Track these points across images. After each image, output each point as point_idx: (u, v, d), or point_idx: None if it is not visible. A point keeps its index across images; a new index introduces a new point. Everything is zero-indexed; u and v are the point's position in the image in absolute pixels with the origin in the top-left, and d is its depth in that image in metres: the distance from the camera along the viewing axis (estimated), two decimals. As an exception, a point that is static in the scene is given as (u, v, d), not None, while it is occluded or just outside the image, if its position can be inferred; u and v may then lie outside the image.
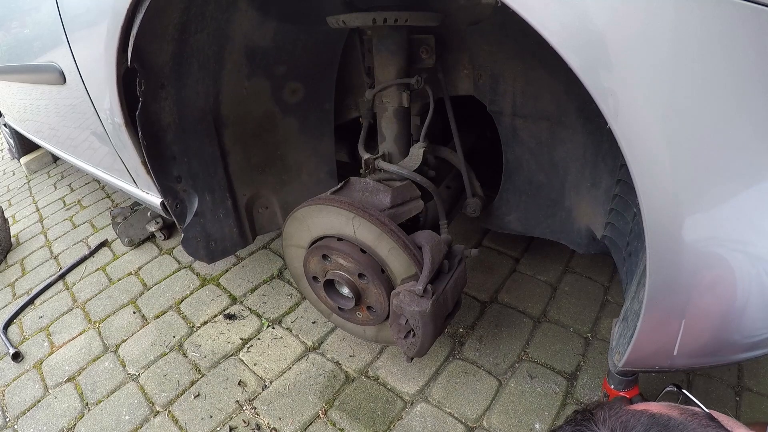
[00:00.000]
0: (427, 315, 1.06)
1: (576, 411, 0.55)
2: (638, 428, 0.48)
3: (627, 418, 0.49)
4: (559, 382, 1.35)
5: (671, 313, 0.70)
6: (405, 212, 1.24)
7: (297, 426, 1.32)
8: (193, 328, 1.72)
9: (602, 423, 0.50)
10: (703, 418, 0.50)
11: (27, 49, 1.65)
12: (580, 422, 0.51)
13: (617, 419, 0.49)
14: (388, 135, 1.31)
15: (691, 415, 0.50)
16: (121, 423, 1.40)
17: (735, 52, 0.52)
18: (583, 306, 1.59)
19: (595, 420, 0.50)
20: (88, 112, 1.44)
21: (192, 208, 1.34)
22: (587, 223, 1.30)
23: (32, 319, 1.93)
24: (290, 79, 1.39)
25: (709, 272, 0.64)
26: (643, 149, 0.59)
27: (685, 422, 0.48)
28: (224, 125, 1.32)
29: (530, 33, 0.60)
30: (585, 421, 0.51)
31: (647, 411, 0.51)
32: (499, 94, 1.27)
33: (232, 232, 1.48)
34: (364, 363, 1.49)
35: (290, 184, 1.56)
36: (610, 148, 1.12)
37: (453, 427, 1.27)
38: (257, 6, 1.16)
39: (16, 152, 3.74)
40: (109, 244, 2.36)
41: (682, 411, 0.51)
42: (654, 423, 0.48)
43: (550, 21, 0.58)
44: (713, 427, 0.49)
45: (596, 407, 0.53)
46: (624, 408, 0.52)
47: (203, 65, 1.17)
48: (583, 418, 0.52)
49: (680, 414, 0.50)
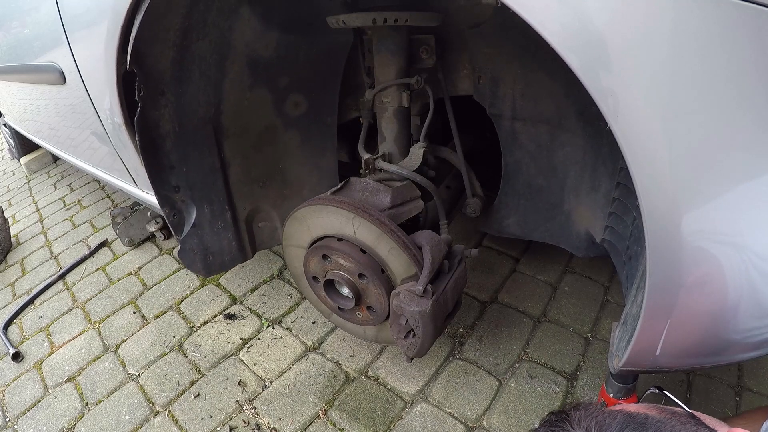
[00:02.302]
0: (427, 315, 1.06)
1: (551, 412, 0.55)
2: (614, 427, 0.47)
3: (602, 417, 0.49)
4: (559, 382, 1.35)
5: (671, 314, 0.70)
6: (405, 212, 1.24)
7: (297, 426, 1.32)
8: (193, 328, 1.72)
9: (577, 424, 0.49)
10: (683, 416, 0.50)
11: (27, 49, 1.65)
12: (555, 423, 0.51)
13: (593, 419, 0.49)
14: (388, 135, 1.31)
15: (671, 413, 0.50)
16: (121, 423, 1.40)
17: (735, 52, 0.52)
18: (583, 306, 1.59)
19: (571, 421, 0.50)
20: (88, 112, 1.44)
21: (190, 219, 1.32)
22: (586, 226, 1.30)
23: (32, 319, 1.93)
24: (293, 92, 1.37)
25: (710, 273, 0.64)
26: (643, 149, 0.59)
27: (664, 420, 0.48)
28: (225, 136, 1.30)
29: (530, 35, 0.60)
30: (560, 422, 0.50)
31: (624, 410, 0.50)
32: (499, 97, 1.27)
33: (231, 246, 1.45)
34: (364, 363, 1.49)
35: (291, 199, 1.53)
36: (609, 152, 1.11)
37: (453, 427, 1.27)
38: (259, 14, 1.15)
39: (16, 152, 3.74)
40: (109, 244, 2.36)
41: (662, 410, 0.51)
42: (630, 421, 0.47)
43: (550, 21, 0.58)
44: (692, 424, 0.48)
45: (572, 408, 0.52)
46: (600, 408, 0.51)
47: (204, 73, 1.16)
48: (558, 419, 0.51)
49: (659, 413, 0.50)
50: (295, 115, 1.42)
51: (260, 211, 1.51)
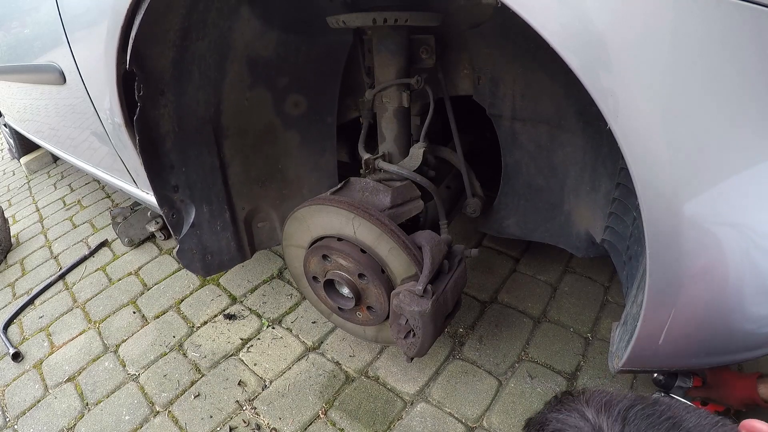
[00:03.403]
0: (427, 315, 1.06)
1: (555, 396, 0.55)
2: (624, 403, 0.48)
3: (610, 396, 0.50)
4: (559, 382, 1.35)
5: (671, 313, 0.70)
6: (405, 212, 1.24)
7: (297, 426, 1.32)
8: (193, 328, 1.72)
9: (585, 403, 0.49)
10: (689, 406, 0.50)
11: (27, 49, 1.65)
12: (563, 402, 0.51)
13: (601, 398, 0.49)
14: (388, 135, 1.31)
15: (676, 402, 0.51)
16: (121, 423, 1.40)
17: (735, 52, 0.52)
18: (583, 306, 1.59)
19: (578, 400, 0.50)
20: (88, 112, 1.44)
21: (189, 218, 1.32)
22: (586, 226, 1.30)
23: (32, 319, 1.93)
24: (292, 92, 1.37)
25: (710, 272, 0.64)
26: (643, 149, 0.59)
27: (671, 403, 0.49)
28: (224, 136, 1.30)
29: (530, 35, 0.60)
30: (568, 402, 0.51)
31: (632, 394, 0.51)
32: (499, 97, 1.27)
33: (230, 246, 1.45)
34: (364, 363, 1.49)
35: (291, 199, 1.53)
36: (609, 152, 1.11)
37: (453, 427, 1.27)
38: (259, 14, 1.15)
39: (16, 152, 3.74)
40: (109, 244, 2.36)
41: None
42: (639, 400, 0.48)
43: (550, 22, 0.58)
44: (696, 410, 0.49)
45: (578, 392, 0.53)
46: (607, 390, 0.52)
47: (204, 73, 1.16)
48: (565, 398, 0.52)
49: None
50: (294, 115, 1.42)
51: (259, 211, 1.51)
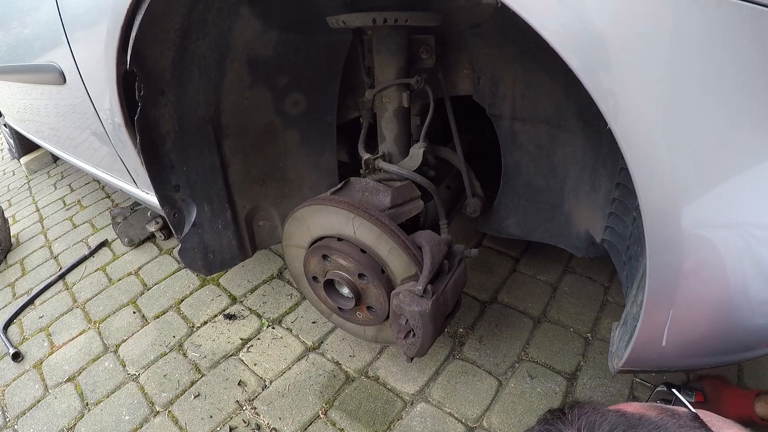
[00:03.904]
0: (427, 315, 1.06)
1: (549, 410, 0.55)
2: (604, 427, 0.46)
3: (595, 417, 0.48)
4: (559, 382, 1.35)
5: (672, 313, 0.70)
6: (405, 212, 1.24)
7: (297, 426, 1.32)
8: (193, 328, 1.72)
9: (570, 423, 0.49)
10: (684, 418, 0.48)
11: (27, 49, 1.65)
12: (549, 422, 0.51)
13: (585, 418, 0.48)
14: (388, 135, 1.31)
15: (671, 415, 0.49)
16: (121, 423, 1.40)
17: (735, 52, 0.52)
18: (583, 306, 1.59)
19: (564, 419, 0.50)
20: (88, 112, 1.44)
21: (190, 218, 1.32)
22: (586, 227, 1.30)
23: (32, 319, 1.93)
24: (292, 91, 1.37)
25: (710, 273, 0.64)
26: (643, 150, 0.59)
27: (660, 421, 0.47)
28: (224, 135, 1.30)
29: (530, 35, 0.60)
30: (554, 420, 0.50)
31: (620, 410, 0.49)
32: (499, 97, 1.27)
33: (231, 245, 1.45)
34: (364, 363, 1.49)
35: (291, 197, 1.54)
36: (609, 152, 1.11)
37: (453, 427, 1.27)
38: (259, 14, 1.15)
39: (16, 152, 3.74)
40: (109, 244, 2.36)
41: (662, 411, 0.50)
42: (622, 422, 0.47)
43: (550, 22, 0.58)
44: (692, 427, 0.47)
45: (570, 407, 0.52)
46: (595, 407, 0.50)
47: (204, 73, 1.16)
48: (552, 417, 0.51)
49: (659, 413, 0.49)
50: (294, 114, 1.42)
51: (260, 209, 1.51)
